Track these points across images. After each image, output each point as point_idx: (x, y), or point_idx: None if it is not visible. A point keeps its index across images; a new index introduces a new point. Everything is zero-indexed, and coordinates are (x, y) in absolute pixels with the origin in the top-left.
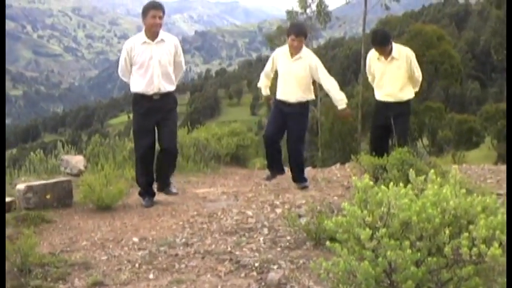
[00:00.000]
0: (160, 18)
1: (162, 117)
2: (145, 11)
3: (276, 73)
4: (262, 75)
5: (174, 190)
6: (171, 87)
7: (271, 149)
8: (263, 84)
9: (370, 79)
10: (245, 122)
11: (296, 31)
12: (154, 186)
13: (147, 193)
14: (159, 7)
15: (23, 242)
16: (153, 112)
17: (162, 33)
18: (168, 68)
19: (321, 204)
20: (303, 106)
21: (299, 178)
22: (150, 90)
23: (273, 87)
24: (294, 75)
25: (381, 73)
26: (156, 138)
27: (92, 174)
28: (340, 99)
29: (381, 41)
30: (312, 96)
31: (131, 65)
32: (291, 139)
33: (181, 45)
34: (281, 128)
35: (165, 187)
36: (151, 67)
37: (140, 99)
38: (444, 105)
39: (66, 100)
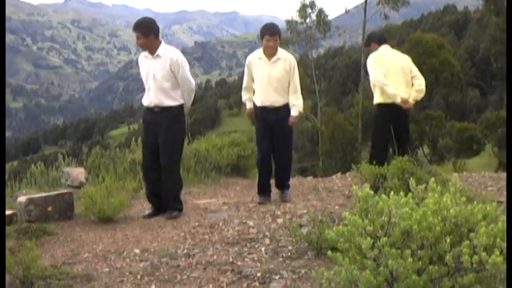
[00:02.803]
0: (139, 38)
1: (159, 130)
2: None
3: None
4: (243, 90)
5: (173, 214)
6: (171, 102)
7: (267, 168)
8: (247, 98)
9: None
10: (246, 132)
11: (270, 31)
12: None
13: (152, 205)
14: (135, 28)
15: (25, 255)
16: (153, 124)
17: (162, 48)
18: (164, 83)
19: (322, 213)
20: (289, 109)
21: (285, 185)
22: (149, 104)
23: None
24: (276, 77)
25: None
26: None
27: (93, 186)
28: (296, 105)
29: (366, 41)
30: None
31: None
32: (280, 146)
33: None
34: (272, 141)
35: (168, 207)
36: (149, 81)
37: (145, 111)
38: (444, 113)
39: (67, 112)
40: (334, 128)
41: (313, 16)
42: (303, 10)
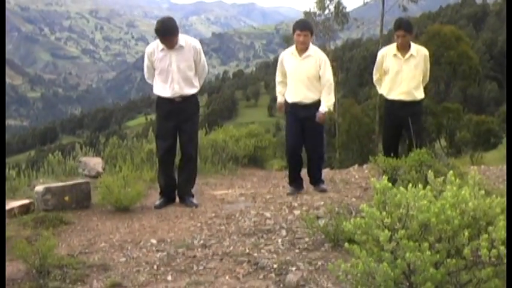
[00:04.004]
0: (172, 41)
1: (183, 120)
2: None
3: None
4: (277, 84)
5: (194, 201)
6: (193, 91)
7: (294, 161)
8: (278, 91)
9: (376, 77)
10: (263, 123)
11: (300, 26)
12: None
13: (163, 195)
14: (169, 33)
15: (42, 244)
16: (174, 114)
17: (182, 38)
18: (188, 73)
19: (339, 205)
20: (319, 106)
21: (319, 180)
22: (171, 95)
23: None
24: (306, 74)
25: (396, 71)
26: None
27: (110, 176)
28: (326, 101)
29: (407, 26)
30: None
31: (154, 69)
32: (311, 143)
33: None
34: (301, 135)
35: (185, 196)
36: (171, 73)
37: (162, 101)
38: (462, 106)
39: (84, 102)
40: (351, 120)
41: (331, 8)
42: (321, 1)
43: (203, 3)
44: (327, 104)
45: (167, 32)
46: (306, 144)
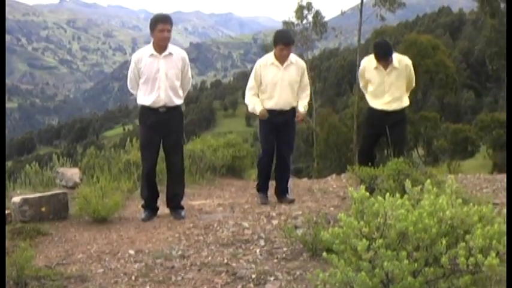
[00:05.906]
0: (169, 31)
1: (168, 132)
2: (153, 23)
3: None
4: (251, 97)
5: (182, 214)
6: (178, 101)
7: (268, 170)
8: (256, 102)
9: (362, 85)
10: (240, 133)
11: (286, 41)
12: (158, 201)
13: (148, 207)
14: (167, 20)
15: (19, 255)
16: (159, 126)
17: (171, 47)
18: (175, 82)
19: (317, 215)
20: (295, 112)
21: (286, 189)
22: (156, 104)
23: None
24: (288, 82)
25: (378, 82)
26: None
27: (88, 187)
28: (303, 102)
29: (386, 53)
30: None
31: (139, 77)
32: (284, 148)
33: None
34: (275, 145)
35: (174, 208)
36: (158, 80)
37: (147, 112)
38: (439, 114)
39: (62, 112)
40: (329, 129)
41: (310, 17)
42: (299, 11)
43: (181, 13)
44: (304, 104)
45: (168, 18)
46: (280, 149)
